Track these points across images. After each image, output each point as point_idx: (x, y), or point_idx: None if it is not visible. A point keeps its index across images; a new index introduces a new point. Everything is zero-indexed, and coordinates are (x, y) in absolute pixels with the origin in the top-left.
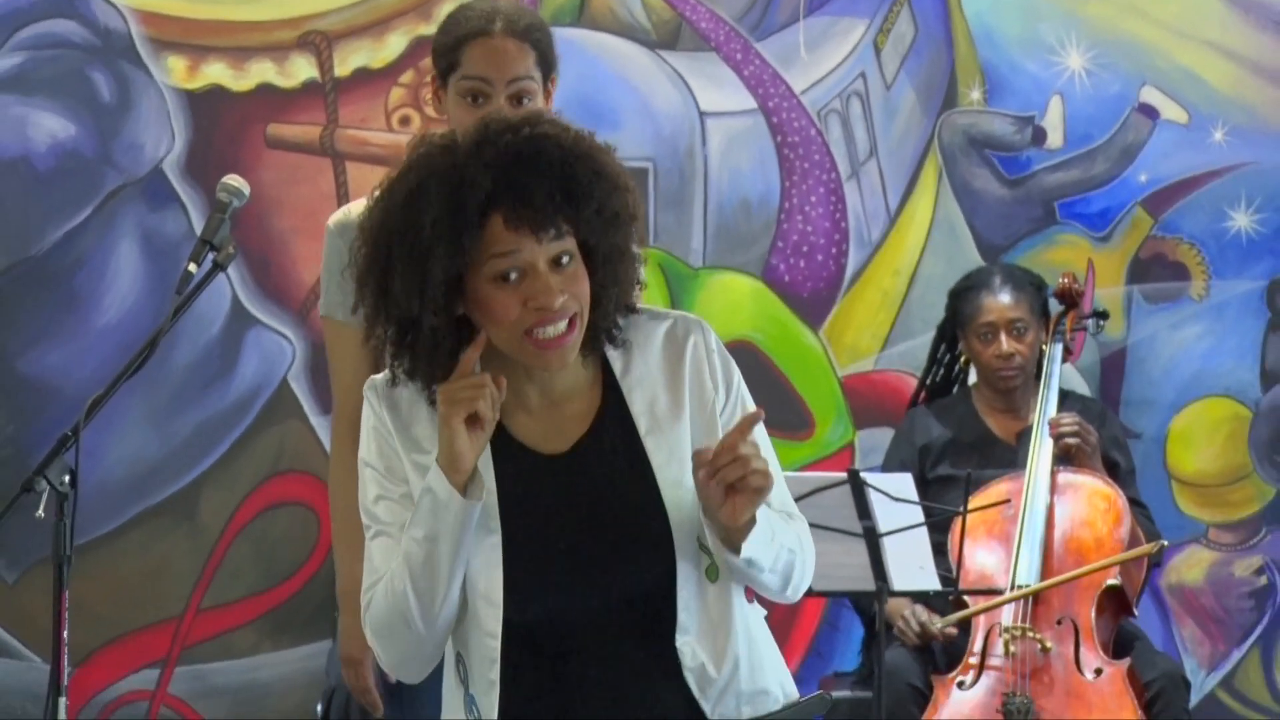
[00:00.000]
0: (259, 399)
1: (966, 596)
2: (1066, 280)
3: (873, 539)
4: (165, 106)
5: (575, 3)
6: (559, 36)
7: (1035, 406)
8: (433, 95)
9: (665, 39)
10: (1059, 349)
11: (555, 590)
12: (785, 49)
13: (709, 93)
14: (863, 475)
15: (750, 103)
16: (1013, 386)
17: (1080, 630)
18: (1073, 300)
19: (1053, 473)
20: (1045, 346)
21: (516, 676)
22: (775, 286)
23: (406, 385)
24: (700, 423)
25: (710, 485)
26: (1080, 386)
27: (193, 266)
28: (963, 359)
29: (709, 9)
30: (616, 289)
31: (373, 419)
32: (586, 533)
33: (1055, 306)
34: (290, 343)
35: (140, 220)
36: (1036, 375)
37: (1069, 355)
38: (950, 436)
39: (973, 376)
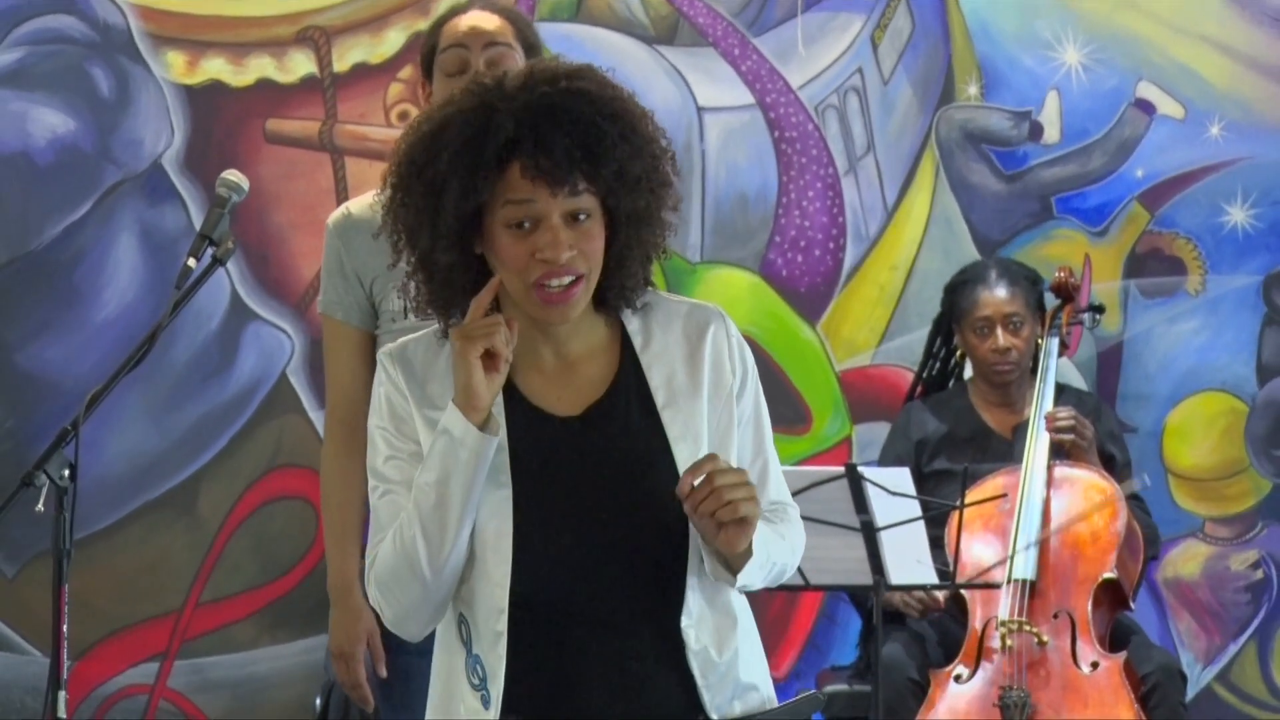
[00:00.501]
0: (258, 393)
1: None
2: (1063, 274)
3: (870, 533)
4: (164, 102)
5: None
6: (557, 32)
7: (1031, 401)
8: (424, 98)
9: (663, 34)
10: (1055, 343)
11: (564, 550)
12: (783, 44)
13: (706, 88)
14: (860, 470)
15: (748, 98)
16: (1009, 381)
17: (1077, 624)
18: (1069, 294)
19: (1049, 467)
20: (1041, 341)
21: (519, 643)
22: (773, 281)
23: (422, 343)
24: (717, 405)
25: (699, 518)
26: (1076, 381)
27: (192, 261)
28: (959, 353)
29: (706, 5)
30: (639, 252)
31: (385, 383)
32: (597, 496)
33: (1051, 301)
34: (289, 337)
35: (139, 215)
36: (1033, 369)
37: (1065, 349)
38: (946, 430)
39: (969, 371)
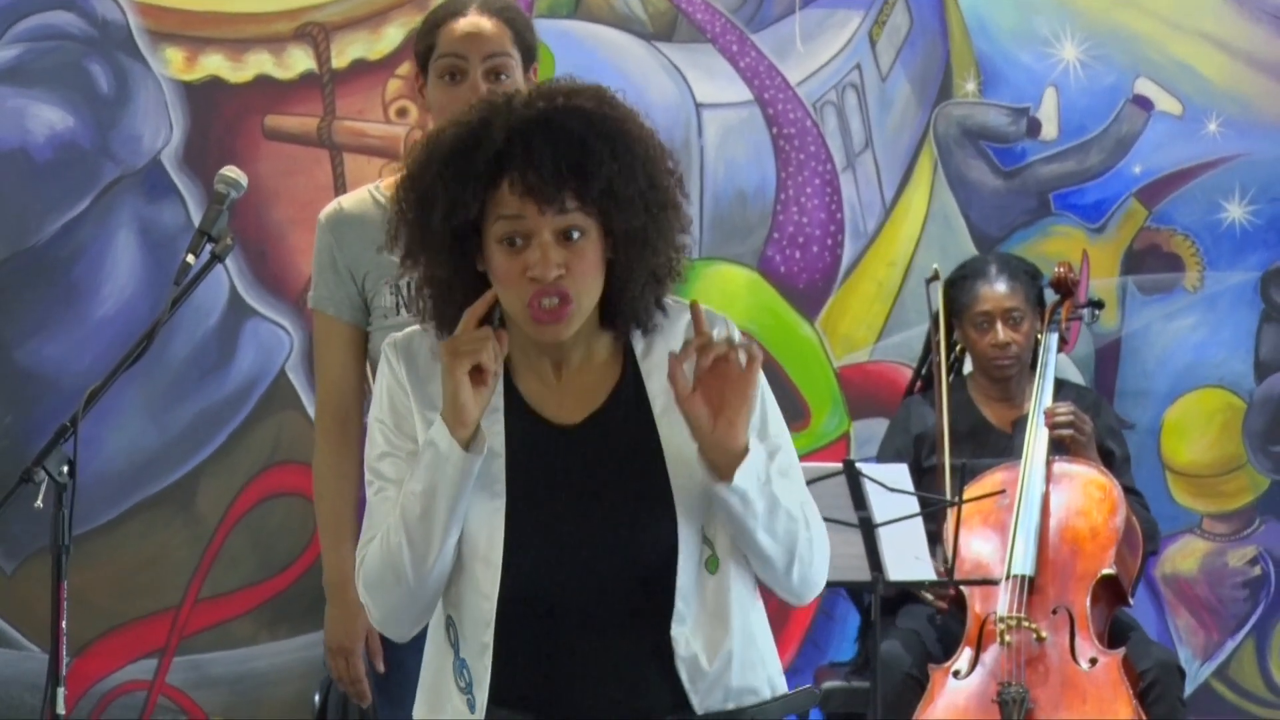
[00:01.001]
0: (257, 390)
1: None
2: (1062, 270)
3: (868, 529)
4: (163, 98)
5: None
6: (556, 29)
7: (1031, 396)
8: (417, 91)
9: (661, 31)
10: (1054, 338)
11: (554, 560)
12: (781, 41)
13: (705, 84)
14: (858, 466)
15: (746, 94)
16: (1008, 375)
17: (1075, 620)
18: (1068, 289)
19: (1048, 462)
20: (1040, 336)
21: (508, 645)
22: (771, 278)
23: (429, 339)
24: None
25: (695, 398)
26: (1075, 376)
27: (191, 258)
28: (958, 348)
29: (705, 1)
30: (641, 273)
31: (388, 375)
32: (591, 506)
33: (1050, 296)
34: (288, 333)
35: (138, 211)
36: (1032, 365)
37: (1064, 345)
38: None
39: (968, 365)
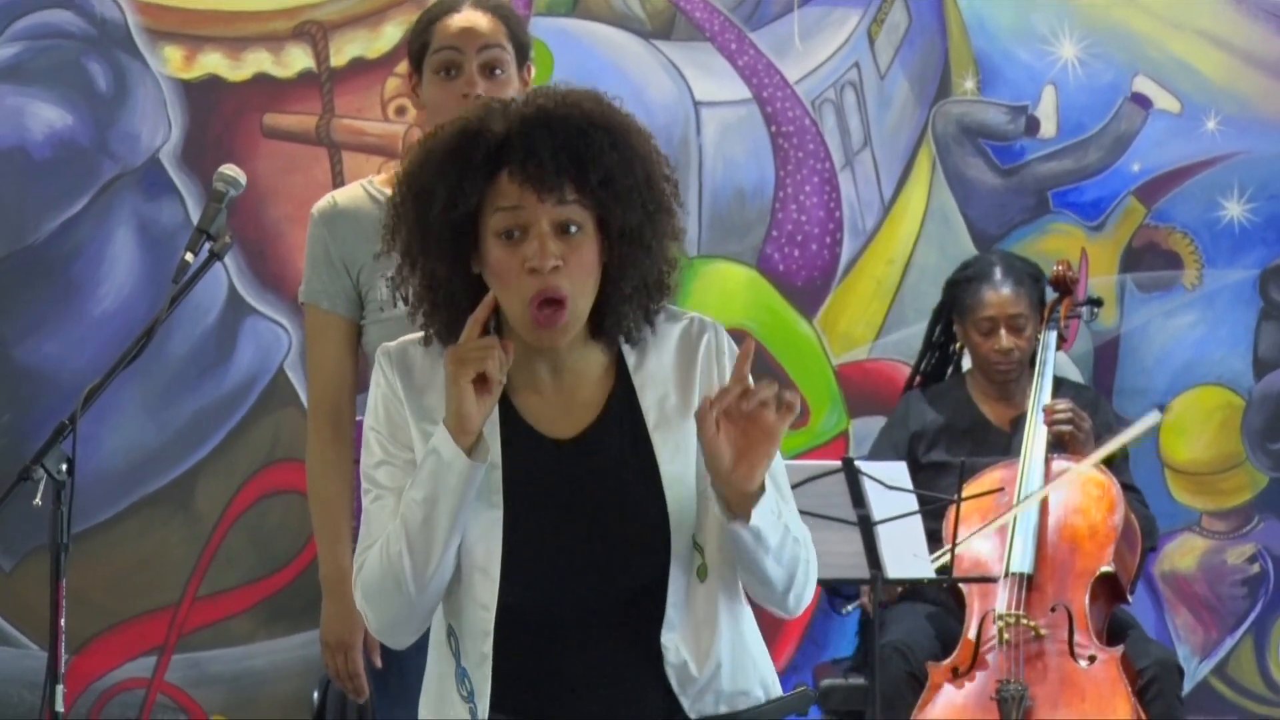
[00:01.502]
0: (255, 387)
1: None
2: (1061, 268)
3: (867, 527)
4: (162, 96)
5: None
6: (554, 27)
7: (1030, 393)
8: (412, 91)
9: (660, 29)
10: (1053, 336)
11: (550, 573)
12: (779, 39)
13: (703, 83)
14: (857, 464)
15: (745, 93)
16: (1010, 379)
17: (1074, 617)
18: (1067, 288)
19: (1047, 460)
20: (1040, 335)
21: (506, 654)
22: (769, 276)
23: (424, 350)
24: None
25: (719, 439)
26: (1073, 374)
27: (189, 256)
28: (958, 345)
29: None
30: (634, 277)
31: (383, 385)
32: (586, 520)
33: (1049, 294)
34: (286, 331)
35: (137, 210)
36: (1030, 363)
37: (1063, 343)
38: (944, 422)
39: (966, 362)
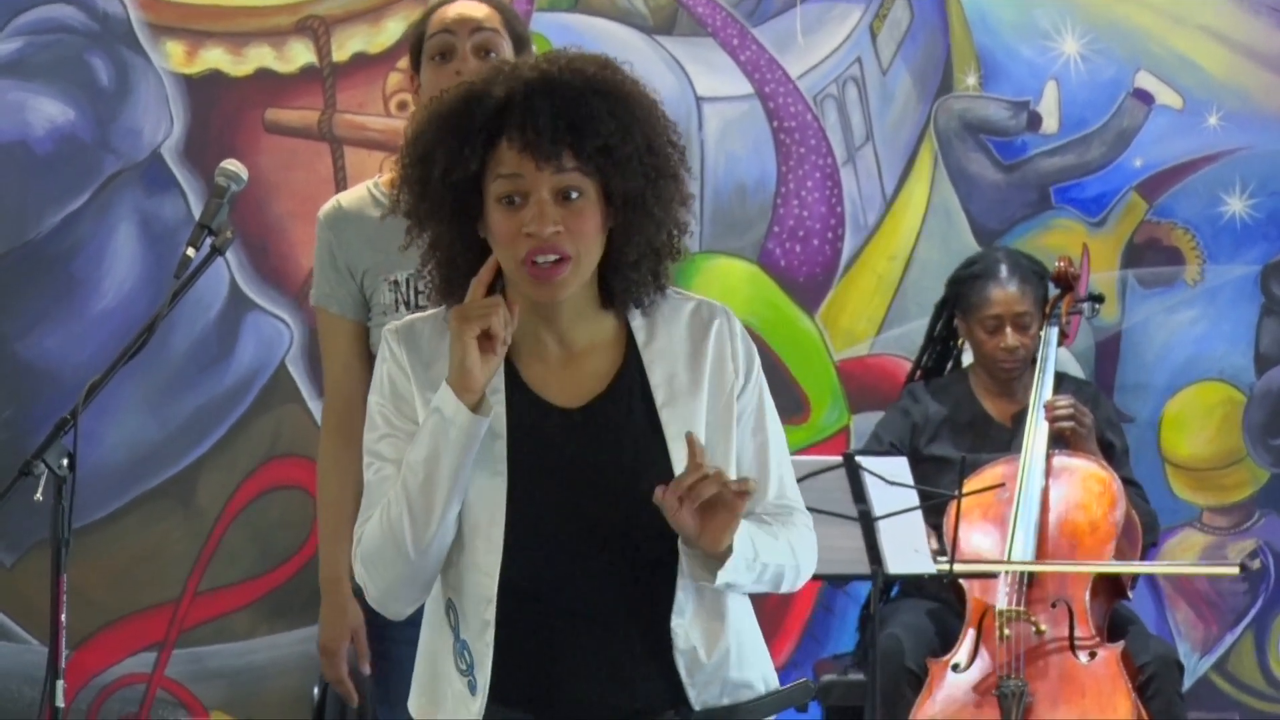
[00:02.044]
0: (256, 383)
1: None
2: (1063, 264)
3: (868, 523)
4: (164, 91)
5: None
6: (556, 22)
7: (1031, 389)
8: (414, 91)
9: (662, 24)
10: (1055, 332)
11: (555, 543)
12: (781, 34)
13: (705, 78)
14: (858, 459)
15: (747, 88)
16: (1013, 377)
17: (1075, 613)
18: (1069, 284)
19: (1048, 455)
20: (1042, 331)
21: (508, 626)
22: (771, 271)
23: (431, 324)
24: (717, 404)
25: (682, 513)
26: (1075, 370)
27: (191, 251)
28: (959, 339)
29: None
30: (639, 241)
31: (389, 359)
32: (593, 492)
33: (1051, 290)
34: (288, 327)
35: (138, 205)
36: (1032, 359)
37: (1064, 339)
38: (945, 415)
39: (968, 357)
